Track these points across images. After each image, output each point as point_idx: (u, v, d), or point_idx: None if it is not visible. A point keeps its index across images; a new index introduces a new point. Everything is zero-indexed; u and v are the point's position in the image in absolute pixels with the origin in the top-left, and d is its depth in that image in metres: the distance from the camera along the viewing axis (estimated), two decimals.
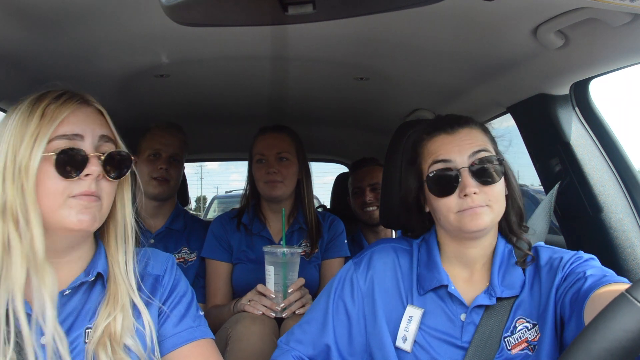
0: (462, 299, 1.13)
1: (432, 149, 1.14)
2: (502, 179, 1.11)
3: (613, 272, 1.03)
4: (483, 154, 1.10)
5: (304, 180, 2.02)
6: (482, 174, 1.08)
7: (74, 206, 0.94)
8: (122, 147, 1.03)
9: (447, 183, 1.09)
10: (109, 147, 1.00)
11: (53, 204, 0.93)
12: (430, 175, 1.12)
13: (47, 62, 1.46)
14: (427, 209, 1.20)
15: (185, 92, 2.01)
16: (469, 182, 1.07)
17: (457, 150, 1.11)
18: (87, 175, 0.95)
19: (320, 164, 3.69)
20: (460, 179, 1.08)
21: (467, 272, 1.17)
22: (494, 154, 1.12)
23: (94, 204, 0.96)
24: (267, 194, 1.95)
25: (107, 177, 0.98)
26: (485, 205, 1.07)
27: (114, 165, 1.00)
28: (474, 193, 1.06)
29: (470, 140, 1.11)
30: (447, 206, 1.09)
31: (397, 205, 1.32)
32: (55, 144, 0.94)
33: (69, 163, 0.94)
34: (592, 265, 1.06)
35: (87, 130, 0.97)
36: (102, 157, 0.97)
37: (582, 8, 1.08)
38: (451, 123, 1.15)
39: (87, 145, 0.97)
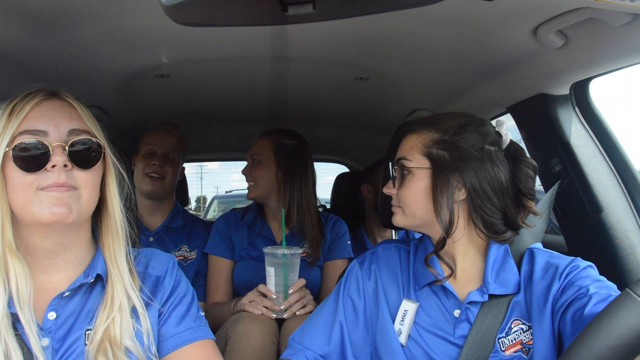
0: (456, 293, 1.14)
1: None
2: (413, 187, 1.15)
3: (614, 286, 1.02)
4: (400, 162, 1.18)
5: (299, 186, 1.95)
6: (395, 179, 1.20)
7: (44, 198, 0.93)
8: (99, 138, 1.01)
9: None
10: (82, 138, 0.98)
11: (23, 199, 0.93)
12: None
13: (48, 62, 1.46)
14: None
15: (185, 92, 2.01)
16: (387, 184, 1.23)
17: (397, 154, 1.22)
18: (53, 166, 0.94)
19: (320, 164, 3.69)
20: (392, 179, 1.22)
21: (453, 267, 1.18)
22: (409, 162, 1.16)
23: (66, 194, 0.94)
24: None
25: (79, 167, 0.97)
26: (398, 206, 1.19)
27: (82, 154, 0.98)
28: (391, 194, 1.21)
29: (402, 147, 1.21)
30: None
31: None
32: (18, 139, 0.94)
33: (29, 157, 0.93)
34: (593, 277, 1.05)
35: (51, 124, 0.96)
36: (67, 147, 0.96)
37: (582, 8, 1.08)
38: (407, 127, 1.24)
39: (51, 139, 0.95)
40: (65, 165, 0.94)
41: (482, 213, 1.12)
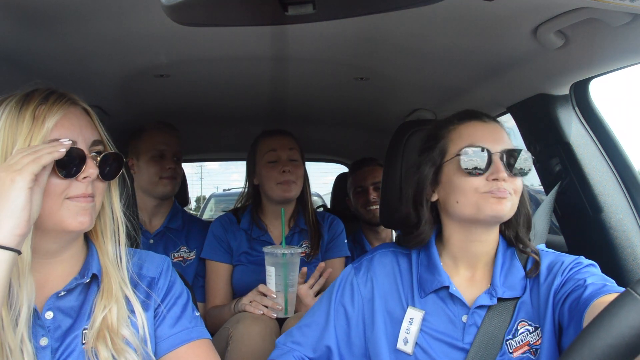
0: (464, 299, 1.13)
1: (466, 133, 1.15)
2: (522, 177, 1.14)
3: (613, 281, 1.03)
4: (523, 152, 1.13)
5: (306, 184, 2.04)
6: (513, 164, 1.11)
7: (72, 208, 0.94)
8: (112, 148, 1.03)
9: (480, 162, 1.10)
10: (100, 149, 1.00)
11: (52, 206, 0.93)
12: (460, 154, 1.12)
13: (48, 62, 1.46)
14: (435, 198, 1.18)
15: (185, 92, 2.01)
16: (500, 168, 1.09)
17: (492, 138, 1.13)
18: (84, 177, 0.94)
19: (320, 164, 3.69)
20: (492, 163, 1.10)
21: (469, 273, 1.17)
22: (529, 154, 1.15)
23: (90, 205, 0.96)
24: (281, 196, 1.93)
25: (103, 179, 0.98)
26: (509, 193, 1.10)
27: (109, 167, 1.00)
28: (504, 180, 1.09)
29: (503, 134, 1.16)
30: (474, 186, 1.10)
31: (397, 204, 1.32)
32: None
33: (69, 165, 0.93)
34: (593, 272, 1.06)
35: (80, 135, 0.97)
36: (98, 159, 0.97)
37: (582, 8, 1.08)
38: (485, 115, 1.19)
39: (81, 149, 0.96)
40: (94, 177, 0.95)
41: (526, 213, 1.18)
